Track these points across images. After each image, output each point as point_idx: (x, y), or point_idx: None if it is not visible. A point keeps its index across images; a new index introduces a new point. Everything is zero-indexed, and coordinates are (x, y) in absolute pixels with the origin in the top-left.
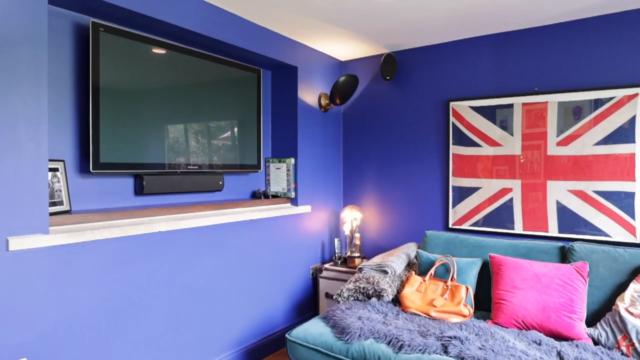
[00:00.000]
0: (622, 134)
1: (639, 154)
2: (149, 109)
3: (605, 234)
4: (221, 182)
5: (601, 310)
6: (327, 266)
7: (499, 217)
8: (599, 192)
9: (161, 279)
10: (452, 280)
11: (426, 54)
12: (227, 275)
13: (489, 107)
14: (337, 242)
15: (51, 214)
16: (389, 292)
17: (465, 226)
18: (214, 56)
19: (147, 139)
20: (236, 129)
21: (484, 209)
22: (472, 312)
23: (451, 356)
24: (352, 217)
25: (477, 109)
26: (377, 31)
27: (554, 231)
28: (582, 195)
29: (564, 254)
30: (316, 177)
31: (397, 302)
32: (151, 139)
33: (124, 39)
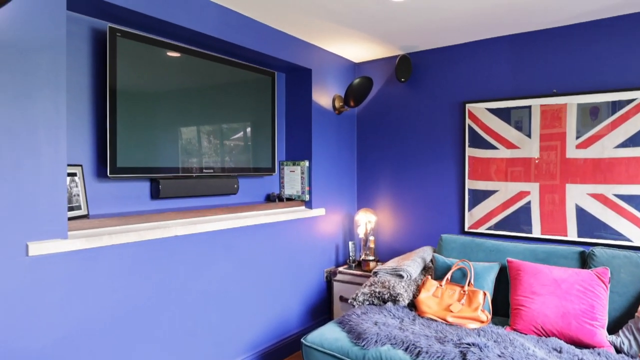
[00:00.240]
0: None
1: None
2: (165, 113)
3: (626, 239)
4: (236, 186)
5: (623, 317)
6: (341, 269)
7: (516, 221)
8: (619, 196)
9: (177, 283)
10: (469, 285)
11: (441, 55)
12: (241, 278)
13: (506, 109)
14: (351, 245)
15: (69, 219)
16: (405, 296)
17: (481, 230)
18: (229, 59)
19: (163, 142)
20: (250, 132)
21: (500, 213)
22: (489, 318)
23: None
24: (366, 220)
25: (493, 111)
26: (392, 33)
27: (573, 235)
28: (602, 198)
29: (584, 259)
30: (330, 180)
31: (413, 306)
32: (167, 142)
33: (140, 43)
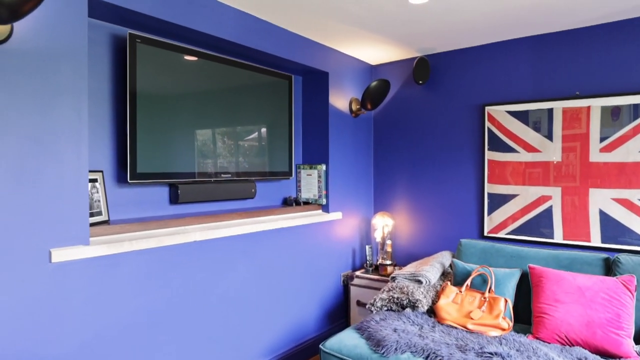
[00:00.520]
0: None
1: None
2: (183, 118)
3: None
4: (253, 190)
5: None
6: (358, 273)
7: (537, 226)
8: None
9: (196, 288)
10: (489, 291)
11: (460, 57)
12: (259, 283)
13: (527, 112)
14: (368, 249)
15: (91, 225)
16: (424, 302)
17: (501, 234)
18: (246, 63)
19: (182, 148)
20: (267, 136)
21: (521, 217)
22: (511, 326)
23: None
24: (383, 224)
25: (514, 114)
26: (410, 35)
27: (596, 241)
28: (627, 203)
29: (609, 266)
30: (347, 183)
31: (432, 313)
32: (185, 148)
33: (159, 49)
